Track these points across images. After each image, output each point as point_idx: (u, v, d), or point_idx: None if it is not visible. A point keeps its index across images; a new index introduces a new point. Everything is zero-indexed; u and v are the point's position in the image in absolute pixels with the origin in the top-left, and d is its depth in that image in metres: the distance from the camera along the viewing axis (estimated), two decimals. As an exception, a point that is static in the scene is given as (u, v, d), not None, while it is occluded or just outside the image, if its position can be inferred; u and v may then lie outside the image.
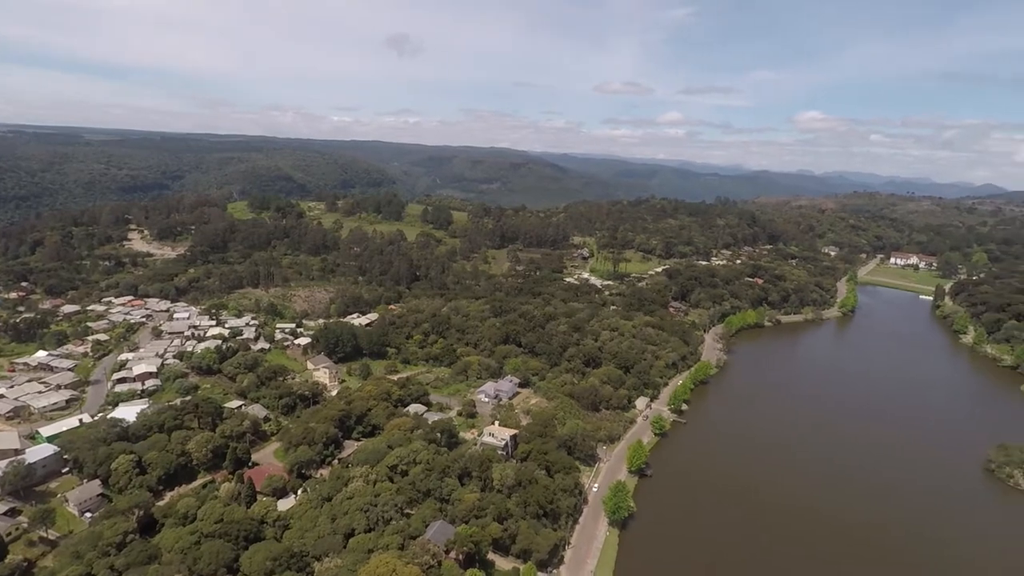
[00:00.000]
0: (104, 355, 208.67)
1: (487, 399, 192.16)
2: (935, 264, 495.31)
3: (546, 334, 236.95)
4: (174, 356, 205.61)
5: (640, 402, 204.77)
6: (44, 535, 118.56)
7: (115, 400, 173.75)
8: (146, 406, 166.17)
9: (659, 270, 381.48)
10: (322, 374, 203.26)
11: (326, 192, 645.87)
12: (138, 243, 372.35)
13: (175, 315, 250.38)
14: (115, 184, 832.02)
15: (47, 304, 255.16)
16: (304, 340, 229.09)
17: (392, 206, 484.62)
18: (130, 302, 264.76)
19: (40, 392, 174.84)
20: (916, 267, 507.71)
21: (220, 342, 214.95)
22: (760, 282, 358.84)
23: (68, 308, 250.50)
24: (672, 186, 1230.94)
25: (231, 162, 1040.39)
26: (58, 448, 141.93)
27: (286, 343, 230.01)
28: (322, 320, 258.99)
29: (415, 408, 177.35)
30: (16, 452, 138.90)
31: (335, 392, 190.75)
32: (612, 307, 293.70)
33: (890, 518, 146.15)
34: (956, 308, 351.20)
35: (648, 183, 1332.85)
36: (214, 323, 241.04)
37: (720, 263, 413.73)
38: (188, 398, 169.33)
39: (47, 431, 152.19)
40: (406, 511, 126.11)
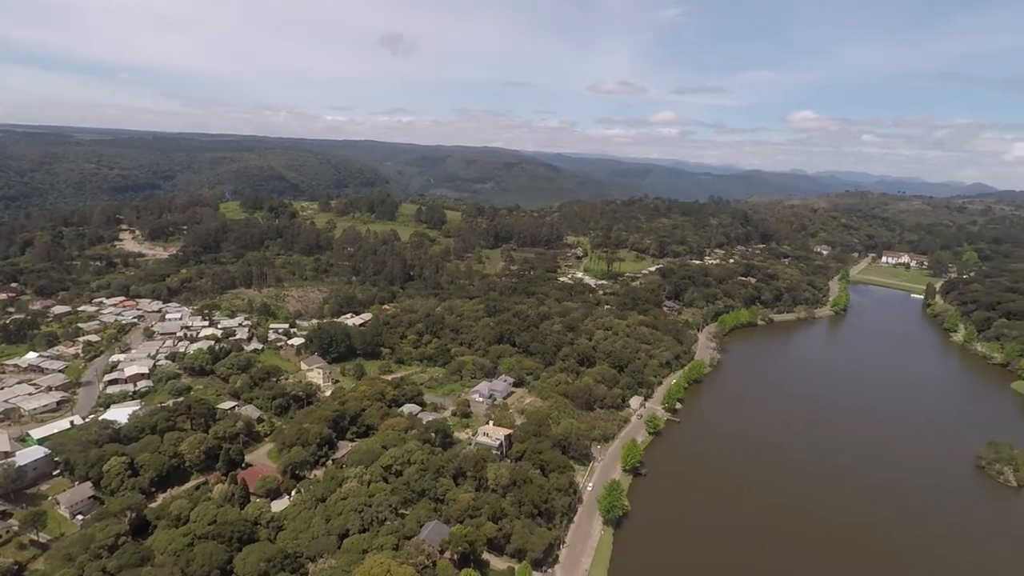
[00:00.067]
0: (95, 356, 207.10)
1: (481, 399, 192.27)
2: (926, 263, 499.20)
3: (540, 333, 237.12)
4: (166, 357, 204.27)
5: (634, 401, 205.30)
6: (35, 538, 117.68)
7: (107, 402, 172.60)
8: (138, 407, 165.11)
9: (653, 269, 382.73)
10: (316, 374, 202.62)
11: (319, 192, 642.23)
12: (129, 243, 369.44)
13: (167, 316, 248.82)
14: (106, 184, 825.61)
15: (37, 305, 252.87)
16: (297, 340, 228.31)
17: (386, 206, 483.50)
18: (122, 303, 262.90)
19: (30, 394, 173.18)
20: (907, 266, 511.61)
21: (213, 343, 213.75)
22: (753, 281, 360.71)
23: (59, 309, 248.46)
24: (665, 186, 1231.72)
25: (223, 162, 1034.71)
26: (49, 450, 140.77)
27: (279, 343, 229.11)
28: (316, 320, 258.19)
29: (409, 408, 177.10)
30: (6, 455, 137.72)
31: (329, 392, 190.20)
32: (606, 306, 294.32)
33: (883, 516, 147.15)
34: (947, 307, 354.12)
35: (641, 183, 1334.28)
36: (207, 324, 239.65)
37: (713, 262, 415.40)
38: (181, 399, 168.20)
39: (38, 433, 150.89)
40: (400, 511, 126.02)
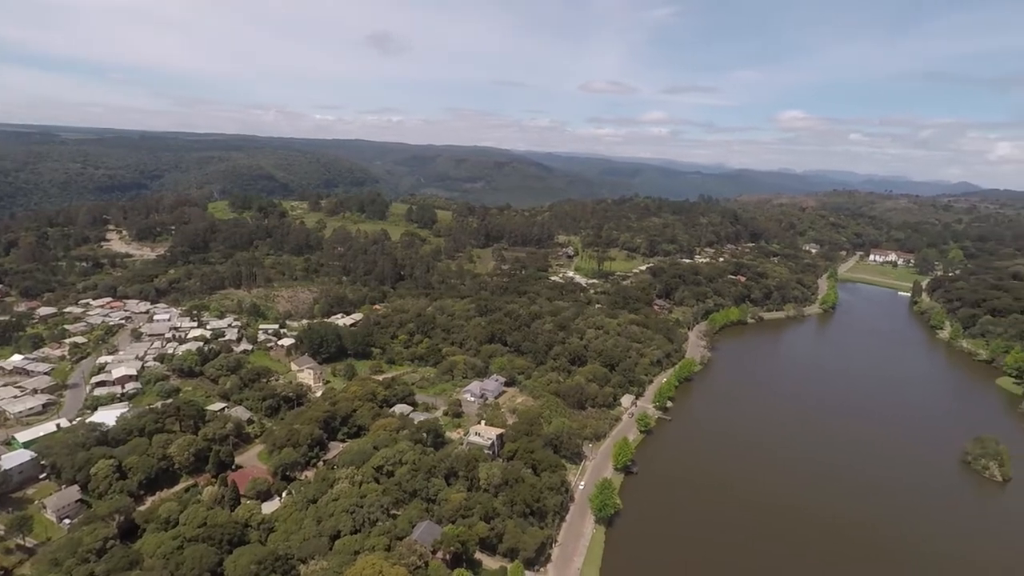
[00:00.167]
0: (82, 358, 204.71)
1: (473, 398, 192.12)
2: (913, 261, 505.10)
3: (531, 333, 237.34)
4: (155, 358, 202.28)
5: (625, 400, 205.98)
6: (21, 543, 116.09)
7: (94, 404, 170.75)
8: (126, 410, 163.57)
9: (643, 268, 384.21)
10: (306, 375, 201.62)
11: (309, 191, 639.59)
12: (116, 244, 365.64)
13: (155, 317, 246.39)
14: (92, 184, 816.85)
15: (22, 306, 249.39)
16: (288, 341, 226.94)
17: (376, 205, 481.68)
18: (109, 304, 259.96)
19: (16, 397, 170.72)
20: (894, 264, 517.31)
21: (202, 344, 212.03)
22: (743, 279, 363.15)
23: (44, 310, 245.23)
24: (656, 185, 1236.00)
25: (211, 161, 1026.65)
26: (35, 454, 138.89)
27: (269, 344, 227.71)
28: (306, 321, 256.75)
29: (401, 408, 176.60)
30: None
31: (319, 393, 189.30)
32: (597, 305, 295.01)
33: (871, 514, 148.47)
34: (933, 304, 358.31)
35: (632, 182, 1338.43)
36: (195, 324, 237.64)
37: (703, 261, 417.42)
38: (169, 401, 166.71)
39: (23, 436, 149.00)
40: (392, 512, 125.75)
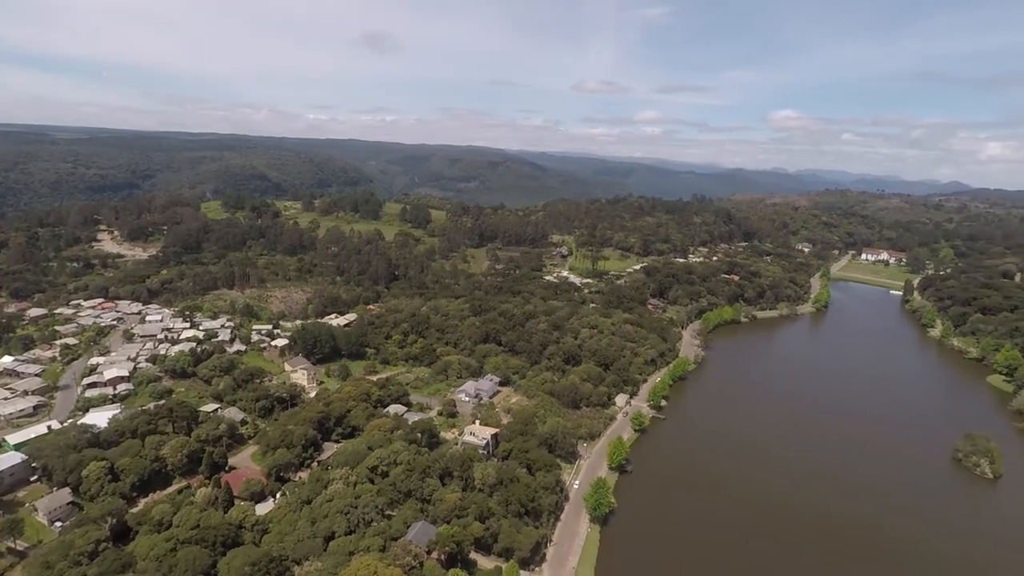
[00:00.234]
0: (73, 359, 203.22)
1: (468, 398, 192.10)
2: (904, 260, 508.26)
3: (526, 332, 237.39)
4: (147, 359, 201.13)
5: (620, 399, 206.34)
6: (12, 546, 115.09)
7: (85, 406, 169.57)
8: (118, 411, 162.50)
9: (637, 268, 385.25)
10: (300, 376, 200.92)
11: (302, 191, 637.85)
12: (108, 244, 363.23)
13: (147, 317, 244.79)
14: (83, 184, 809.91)
15: (12, 308, 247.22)
16: (281, 341, 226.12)
17: (369, 205, 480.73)
18: (100, 305, 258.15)
19: (6, 399, 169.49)
20: (886, 263, 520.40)
21: (194, 344, 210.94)
22: (736, 279, 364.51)
23: (35, 311, 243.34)
24: (649, 184, 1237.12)
25: (204, 161, 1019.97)
26: (26, 456, 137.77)
27: (263, 345, 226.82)
28: (299, 321, 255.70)
29: (395, 409, 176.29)
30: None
31: (313, 394, 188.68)
32: (591, 305, 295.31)
33: (864, 512, 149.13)
34: (924, 302, 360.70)
35: (625, 181, 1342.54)
36: (188, 325, 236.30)
37: (697, 260, 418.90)
38: (162, 402, 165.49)
39: (14, 439, 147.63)
40: (387, 512, 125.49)
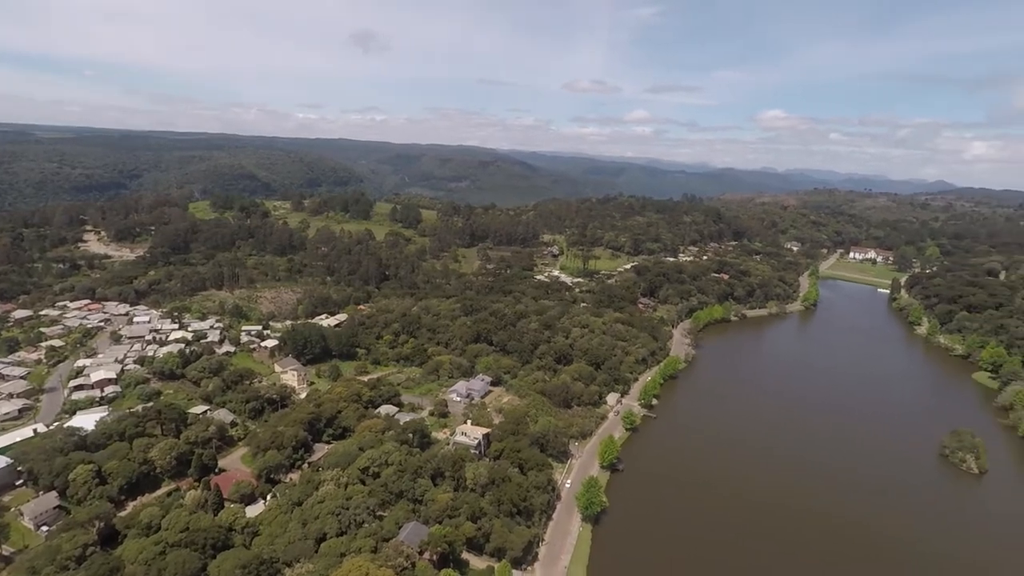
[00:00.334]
0: (59, 362, 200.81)
1: (459, 398, 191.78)
2: (891, 258, 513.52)
3: (517, 332, 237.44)
4: (135, 361, 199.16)
5: (611, 398, 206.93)
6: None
7: (72, 408, 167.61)
8: (105, 414, 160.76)
9: (628, 267, 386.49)
10: (290, 376, 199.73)
11: (292, 191, 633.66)
12: (94, 245, 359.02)
13: (135, 319, 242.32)
14: (69, 184, 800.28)
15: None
16: (271, 342, 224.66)
17: (360, 205, 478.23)
18: (87, 306, 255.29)
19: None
20: (874, 261, 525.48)
21: (183, 346, 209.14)
22: (726, 277, 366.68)
23: (19, 313, 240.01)
24: (640, 184, 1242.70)
25: (192, 160, 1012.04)
26: (11, 459, 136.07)
27: (252, 346, 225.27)
28: (289, 321, 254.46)
29: (386, 409, 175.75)
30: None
31: (304, 395, 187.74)
32: (582, 304, 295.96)
33: (853, 508, 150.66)
34: (911, 300, 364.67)
35: (616, 181, 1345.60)
36: (176, 326, 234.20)
37: (687, 259, 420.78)
38: (150, 404, 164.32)
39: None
40: (379, 513, 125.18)
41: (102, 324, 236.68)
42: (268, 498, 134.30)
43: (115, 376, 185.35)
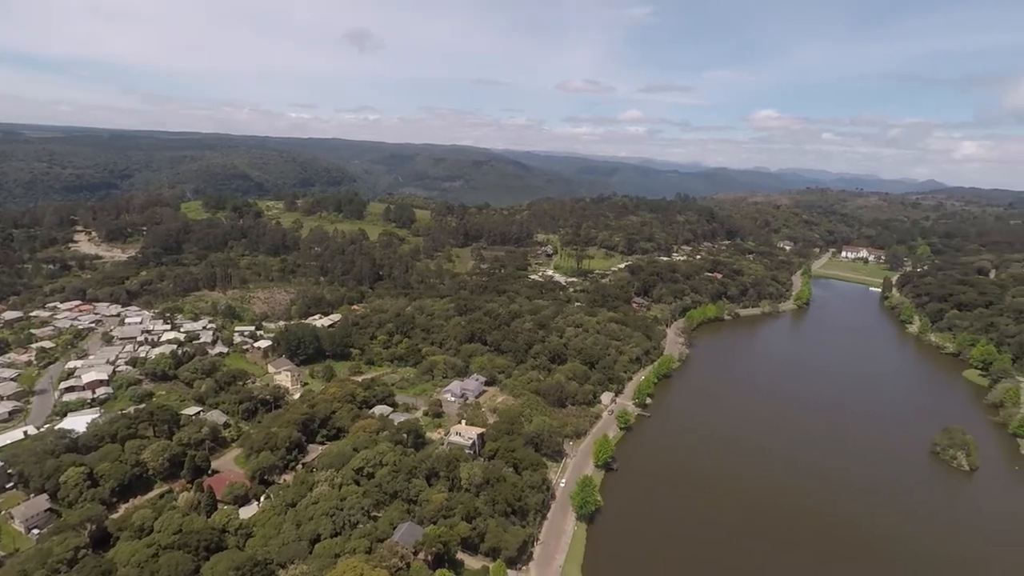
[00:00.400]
0: (50, 363, 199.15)
1: (453, 398, 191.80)
2: (883, 257, 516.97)
3: (511, 332, 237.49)
4: (126, 362, 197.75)
5: (605, 397, 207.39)
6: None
7: (63, 410, 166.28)
8: (97, 415, 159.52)
9: (622, 266, 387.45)
10: (284, 377, 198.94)
11: (285, 191, 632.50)
12: (85, 245, 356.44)
13: (127, 320, 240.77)
14: (59, 183, 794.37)
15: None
16: (264, 343, 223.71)
17: (353, 205, 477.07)
18: (77, 307, 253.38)
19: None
20: (866, 260, 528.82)
21: (175, 347, 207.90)
22: (719, 277, 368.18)
23: (9, 315, 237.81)
24: (633, 183, 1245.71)
25: (184, 160, 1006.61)
26: (1, 462, 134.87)
27: (245, 346, 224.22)
28: (283, 322, 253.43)
29: (380, 409, 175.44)
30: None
31: (297, 395, 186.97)
32: (576, 304, 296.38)
33: (846, 507, 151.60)
34: (902, 299, 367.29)
35: (609, 180, 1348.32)
36: (169, 327, 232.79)
37: (681, 259, 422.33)
38: (142, 406, 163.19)
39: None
40: (373, 514, 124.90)
41: (93, 325, 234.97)
42: (262, 499, 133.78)
43: (107, 377, 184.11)
